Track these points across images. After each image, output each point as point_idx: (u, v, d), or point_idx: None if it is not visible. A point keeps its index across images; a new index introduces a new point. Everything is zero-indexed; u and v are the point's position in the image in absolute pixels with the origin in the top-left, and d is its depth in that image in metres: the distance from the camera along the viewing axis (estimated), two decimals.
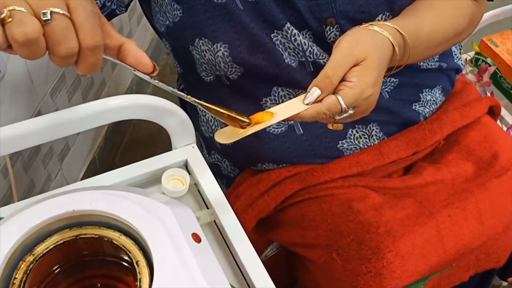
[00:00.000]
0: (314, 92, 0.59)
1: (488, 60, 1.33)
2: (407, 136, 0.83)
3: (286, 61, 0.73)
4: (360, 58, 0.60)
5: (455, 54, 0.90)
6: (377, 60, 0.61)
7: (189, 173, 0.68)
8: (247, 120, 0.56)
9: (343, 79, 0.60)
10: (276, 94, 0.79)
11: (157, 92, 1.79)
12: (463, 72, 1.21)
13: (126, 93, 1.55)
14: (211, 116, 0.85)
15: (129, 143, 1.60)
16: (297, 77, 0.75)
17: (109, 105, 0.62)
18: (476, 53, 1.32)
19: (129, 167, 0.66)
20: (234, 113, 0.56)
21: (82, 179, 1.32)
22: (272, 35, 0.72)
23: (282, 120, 0.59)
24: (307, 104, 0.60)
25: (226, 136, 0.57)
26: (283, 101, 0.79)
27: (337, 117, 0.61)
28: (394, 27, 0.65)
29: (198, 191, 0.67)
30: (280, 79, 0.76)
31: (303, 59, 0.74)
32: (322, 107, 0.59)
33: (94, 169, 1.39)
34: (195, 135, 0.70)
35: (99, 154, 1.41)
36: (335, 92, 0.60)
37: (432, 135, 0.84)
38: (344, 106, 0.59)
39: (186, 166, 0.69)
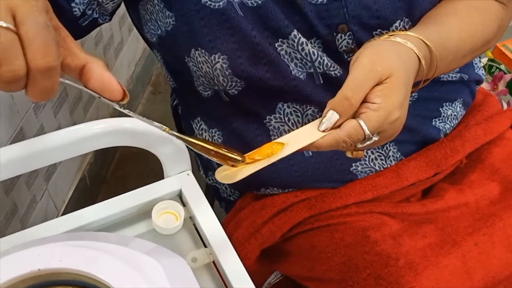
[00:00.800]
0: (331, 116, 0.51)
1: (502, 67, 1.26)
2: (426, 155, 0.75)
3: (293, 72, 0.65)
4: (384, 75, 0.52)
5: (476, 64, 0.82)
6: (404, 77, 0.53)
7: (184, 205, 0.60)
8: (239, 158, 0.48)
9: (364, 100, 0.52)
10: (282, 111, 0.70)
11: (150, 107, 1.72)
12: None
13: None
14: (208, 135, 0.76)
15: (121, 158, 1.51)
16: (305, 91, 0.67)
17: (90, 132, 0.54)
18: (489, 60, 1.24)
19: (115, 200, 0.57)
20: (223, 150, 0.48)
21: (70, 199, 1.24)
22: (276, 44, 0.64)
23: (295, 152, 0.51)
24: (323, 131, 0.52)
25: (229, 174, 0.49)
26: (288, 119, 0.71)
27: (359, 145, 0.53)
28: (419, 37, 0.57)
29: (194, 225, 0.58)
30: (286, 94, 0.68)
31: (312, 70, 0.66)
32: (342, 134, 0.51)
33: (83, 188, 1.30)
34: (190, 161, 0.61)
35: (89, 171, 1.33)
36: (356, 115, 0.53)
37: (454, 153, 0.76)
38: (367, 132, 0.51)
39: (180, 196, 0.61)
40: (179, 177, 0.61)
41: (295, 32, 0.63)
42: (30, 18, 0.38)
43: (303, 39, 0.64)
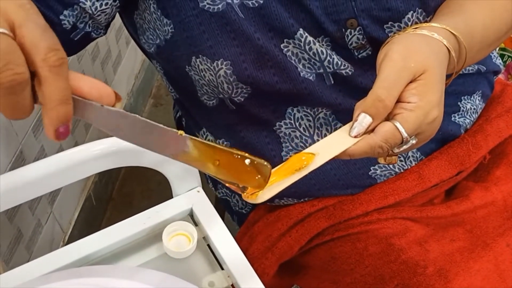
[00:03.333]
0: (363, 120, 0.47)
1: None
2: (448, 153, 0.70)
3: (301, 74, 0.61)
4: (418, 71, 0.48)
5: (492, 53, 0.78)
6: (439, 72, 0.49)
7: (196, 224, 0.55)
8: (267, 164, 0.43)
9: (398, 100, 0.48)
10: (292, 117, 0.66)
11: (152, 120, 1.67)
12: None
13: None
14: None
15: (127, 174, 1.47)
16: (316, 93, 0.63)
17: (90, 154, 0.50)
18: (501, 49, 1.20)
19: (121, 225, 0.53)
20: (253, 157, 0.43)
21: (77, 220, 1.20)
22: (282, 46, 0.60)
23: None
24: (355, 137, 0.47)
25: (256, 192, 0.44)
26: (300, 124, 0.67)
27: (396, 150, 0.49)
28: (445, 27, 0.53)
29: (209, 246, 0.54)
30: (295, 97, 0.64)
31: (321, 70, 0.62)
32: (377, 139, 0.47)
33: (90, 207, 1.27)
34: (199, 177, 0.57)
35: (94, 190, 1.29)
36: (390, 117, 0.48)
37: (477, 149, 0.72)
38: (405, 135, 0.47)
39: (191, 215, 0.56)
40: (189, 195, 0.57)
41: (301, 31, 0.59)
42: (30, 21, 0.36)
43: (310, 38, 0.60)
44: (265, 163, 0.43)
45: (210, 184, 0.84)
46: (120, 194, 1.44)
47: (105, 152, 0.52)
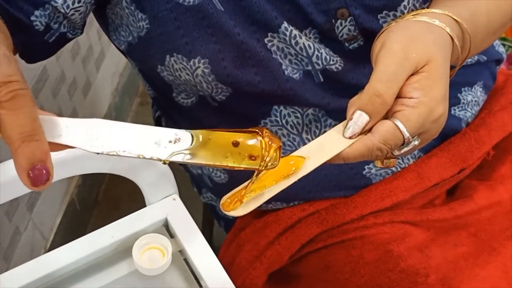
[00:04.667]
0: (359, 118, 0.42)
1: None
2: (449, 150, 0.65)
3: (286, 72, 0.56)
4: (421, 63, 0.43)
5: (495, 41, 0.72)
6: (443, 63, 0.44)
7: (171, 236, 0.50)
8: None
9: (398, 96, 0.43)
10: (278, 114, 0.61)
11: (139, 119, 1.62)
12: None
13: None
14: None
15: (113, 176, 1.40)
16: (303, 93, 0.58)
17: (55, 158, 0.44)
18: (501, 39, 1.15)
19: (86, 239, 0.48)
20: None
21: (59, 226, 1.14)
22: (266, 40, 0.55)
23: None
24: (350, 138, 0.42)
25: (236, 204, 0.40)
26: (287, 122, 0.62)
27: (396, 152, 0.43)
28: (448, 14, 0.48)
29: (185, 260, 0.48)
30: (280, 97, 0.59)
31: (309, 67, 0.57)
32: (376, 140, 0.42)
33: (73, 213, 1.21)
34: (175, 183, 0.52)
35: (78, 194, 1.23)
36: (389, 115, 0.43)
37: (480, 145, 0.67)
38: (407, 134, 0.42)
39: (166, 226, 0.51)
40: (164, 203, 0.51)
41: (285, 24, 0.54)
42: None
43: (295, 32, 0.54)
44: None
45: (195, 188, 0.78)
46: (106, 197, 1.38)
47: (67, 158, 0.46)
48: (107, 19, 0.62)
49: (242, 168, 0.41)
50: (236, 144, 0.39)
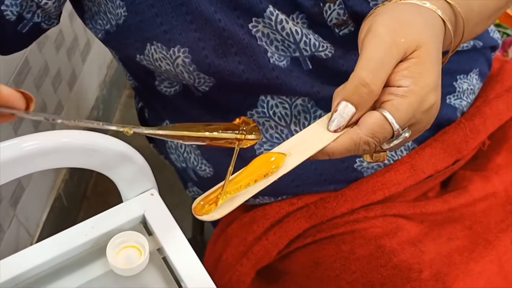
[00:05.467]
0: (344, 110, 0.40)
1: (509, 31, 1.13)
2: (443, 140, 0.62)
3: (271, 60, 0.53)
4: (410, 48, 0.40)
5: (489, 27, 0.69)
6: (435, 48, 0.41)
7: (150, 234, 0.47)
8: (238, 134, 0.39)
9: (387, 84, 0.40)
10: (265, 105, 0.58)
11: (128, 112, 1.58)
12: None
13: (90, 115, 1.33)
14: None
15: None
16: (290, 82, 0.55)
17: (19, 151, 0.41)
18: (495, 25, 1.12)
19: (58, 238, 0.45)
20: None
21: (45, 222, 1.11)
22: (250, 26, 0.52)
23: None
24: (334, 131, 0.40)
25: (210, 206, 0.37)
26: (274, 113, 0.59)
27: (385, 145, 0.40)
28: None
29: (164, 259, 0.46)
30: (267, 87, 0.56)
31: (297, 54, 0.54)
32: (362, 134, 0.40)
33: (60, 208, 1.18)
34: (153, 178, 0.49)
35: (65, 189, 1.20)
36: (377, 106, 0.41)
37: (475, 134, 0.64)
38: (396, 126, 0.40)
39: (144, 223, 0.48)
40: (141, 199, 0.49)
41: (271, 8, 0.51)
42: None
43: (282, 16, 0.51)
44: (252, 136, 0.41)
45: (181, 183, 0.75)
46: (95, 192, 1.35)
47: (39, 150, 0.43)
48: (83, 7, 0.59)
49: (221, 142, 0.39)
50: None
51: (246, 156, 0.46)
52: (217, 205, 0.38)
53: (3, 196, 0.96)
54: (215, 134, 0.40)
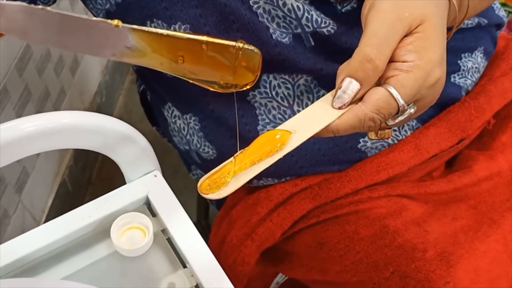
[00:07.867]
0: (349, 86, 0.39)
1: None
2: (448, 119, 0.62)
3: (274, 36, 0.52)
4: (415, 22, 0.40)
5: (495, 4, 0.69)
6: (439, 22, 0.41)
7: (153, 215, 0.47)
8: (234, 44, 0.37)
9: (391, 60, 0.40)
10: (267, 85, 0.58)
11: (131, 98, 1.57)
12: None
13: (93, 101, 1.33)
14: (183, 122, 0.64)
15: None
16: (292, 58, 0.54)
17: (18, 133, 0.41)
18: (501, 4, 1.10)
19: (62, 220, 0.45)
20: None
21: (51, 207, 1.12)
22: (251, 2, 0.51)
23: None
24: (339, 108, 0.39)
25: (217, 184, 0.38)
26: (277, 93, 0.58)
27: (390, 122, 0.40)
28: None
29: (168, 240, 0.46)
30: (269, 64, 0.55)
31: (299, 30, 0.53)
32: (367, 110, 0.39)
33: (65, 194, 1.18)
34: (156, 159, 0.49)
35: (70, 175, 1.20)
36: (382, 81, 0.40)
37: (480, 113, 0.63)
38: (401, 102, 0.39)
39: (148, 205, 0.48)
40: (144, 180, 0.48)
41: None
42: None
43: None
44: (250, 47, 0.37)
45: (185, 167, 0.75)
46: (100, 178, 1.35)
47: (39, 131, 0.43)
48: None
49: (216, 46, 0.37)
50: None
51: (250, 137, 0.46)
52: (222, 184, 0.38)
53: (8, 182, 0.96)
54: (214, 39, 0.37)
